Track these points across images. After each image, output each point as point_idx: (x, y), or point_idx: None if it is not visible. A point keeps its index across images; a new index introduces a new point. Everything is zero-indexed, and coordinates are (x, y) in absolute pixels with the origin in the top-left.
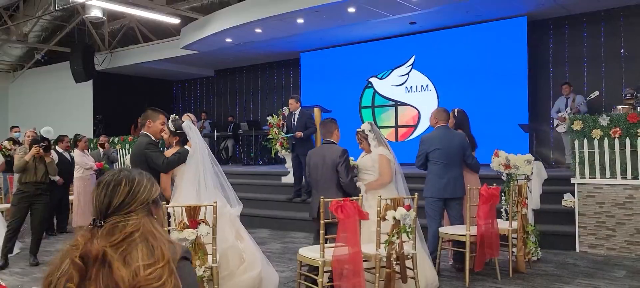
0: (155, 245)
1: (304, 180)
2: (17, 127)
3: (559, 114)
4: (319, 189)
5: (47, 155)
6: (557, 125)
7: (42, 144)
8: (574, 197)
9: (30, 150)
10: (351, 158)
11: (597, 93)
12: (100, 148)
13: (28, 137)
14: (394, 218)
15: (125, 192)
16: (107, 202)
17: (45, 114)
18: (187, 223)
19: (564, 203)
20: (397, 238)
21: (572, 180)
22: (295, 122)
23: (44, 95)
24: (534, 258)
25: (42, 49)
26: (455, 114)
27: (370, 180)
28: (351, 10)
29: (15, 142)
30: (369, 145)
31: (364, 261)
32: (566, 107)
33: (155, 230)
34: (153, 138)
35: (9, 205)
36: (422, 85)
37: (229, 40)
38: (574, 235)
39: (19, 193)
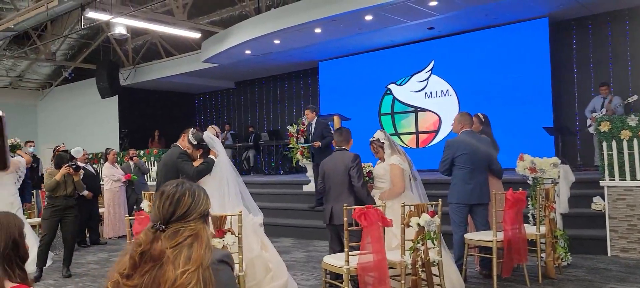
0: (194, 250)
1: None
2: (32, 141)
3: (593, 114)
4: (332, 195)
5: (76, 175)
6: (590, 125)
7: (72, 163)
8: (604, 200)
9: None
10: (370, 164)
11: (636, 97)
12: (130, 161)
13: (58, 151)
14: (418, 224)
15: (188, 203)
16: (171, 211)
17: (73, 129)
18: (214, 233)
19: (593, 206)
20: (422, 244)
21: (601, 183)
22: (312, 132)
23: (72, 112)
24: (564, 264)
25: (69, 67)
26: (481, 118)
27: (384, 188)
28: (368, 17)
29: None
30: (384, 153)
31: (389, 268)
32: (602, 107)
33: (203, 235)
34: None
35: (40, 219)
36: (442, 91)
37: (248, 52)
38: (604, 239)
39: (49, 207)
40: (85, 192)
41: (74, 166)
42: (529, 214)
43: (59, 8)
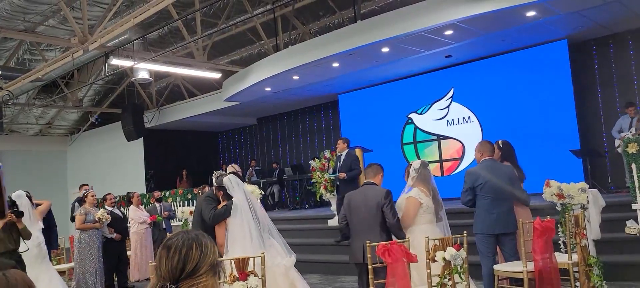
0: None
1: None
2: (87, 184)
3: (622, 134)
4: (361, 232)
5: (19, 222)
6: (618, 146)
7: (14, 209)
8: (638, 223)
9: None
10: None
11: None
12: (156, 203)
13: (93, 196)
14: (444, 259)
15: (197, 256)
16: (180, 267)
17: (101, 173)
18: (237, 276)
19: (627, 230)
20: (449, 279)
21: (634, 206)
22: (341, 163)
23: (99, 155)
24: None
25: (96, 112)
26: (500, 145)
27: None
28: (385, 49)
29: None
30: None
31: None
32: (630, 127)
33: None
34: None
35: (71, 265)
36: (463, 117)
37: (268, 89)
38: None
39: None
40: (114, 235)
41: (15, 212)
42: (559, 242)
43: (85, 57)
